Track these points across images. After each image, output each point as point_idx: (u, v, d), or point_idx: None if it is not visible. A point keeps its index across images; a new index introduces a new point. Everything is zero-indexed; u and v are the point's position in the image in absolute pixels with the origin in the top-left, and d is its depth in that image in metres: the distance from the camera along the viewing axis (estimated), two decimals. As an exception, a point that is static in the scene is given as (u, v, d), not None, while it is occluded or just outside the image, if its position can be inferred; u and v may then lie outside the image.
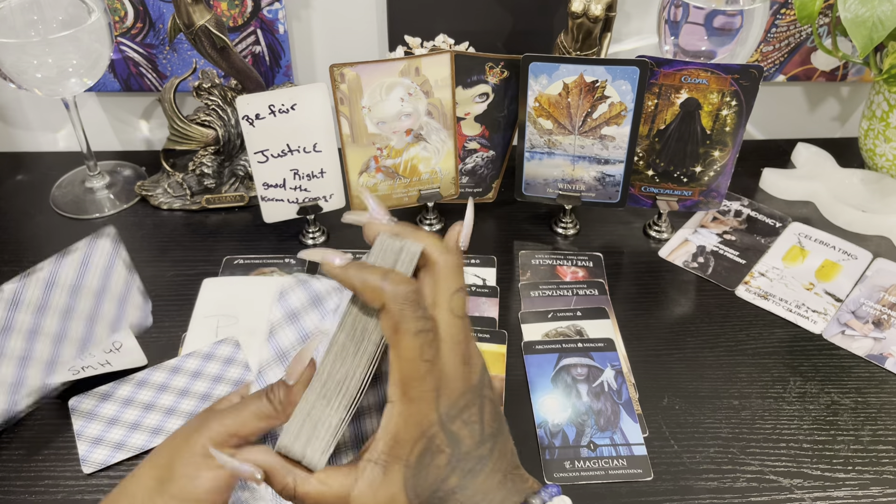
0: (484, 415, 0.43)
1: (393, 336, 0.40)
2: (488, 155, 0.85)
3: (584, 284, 0.80)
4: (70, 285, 0.64)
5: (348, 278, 0.41)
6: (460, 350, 0.42)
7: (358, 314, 0.42)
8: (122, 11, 0.87)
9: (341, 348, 0.42)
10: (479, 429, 0.42)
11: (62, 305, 0.64)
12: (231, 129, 0.87)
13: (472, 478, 0.42)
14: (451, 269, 0.42)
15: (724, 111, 0.77)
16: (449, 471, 0.41)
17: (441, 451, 0.41)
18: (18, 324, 0.61)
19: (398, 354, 0.40)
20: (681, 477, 0.63)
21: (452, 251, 0.43)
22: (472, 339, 0.43)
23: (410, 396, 0.41)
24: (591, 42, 0.78)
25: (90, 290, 0.65)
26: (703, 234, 0.87)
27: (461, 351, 0.42)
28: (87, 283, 0.65)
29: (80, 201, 0.90)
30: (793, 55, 0.95)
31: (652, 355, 0.73)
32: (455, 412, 0.41)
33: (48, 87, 0.78)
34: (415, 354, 0.40)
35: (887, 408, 0.69)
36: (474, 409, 0.42)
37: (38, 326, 0.62)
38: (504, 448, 0.44)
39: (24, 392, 0.62)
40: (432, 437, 0.41)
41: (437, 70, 0.76)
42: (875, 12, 0.76)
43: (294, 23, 0.91)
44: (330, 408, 0.42)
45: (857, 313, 0.78)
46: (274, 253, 0.83)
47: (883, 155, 0.91)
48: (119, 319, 0.69)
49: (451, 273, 0.42)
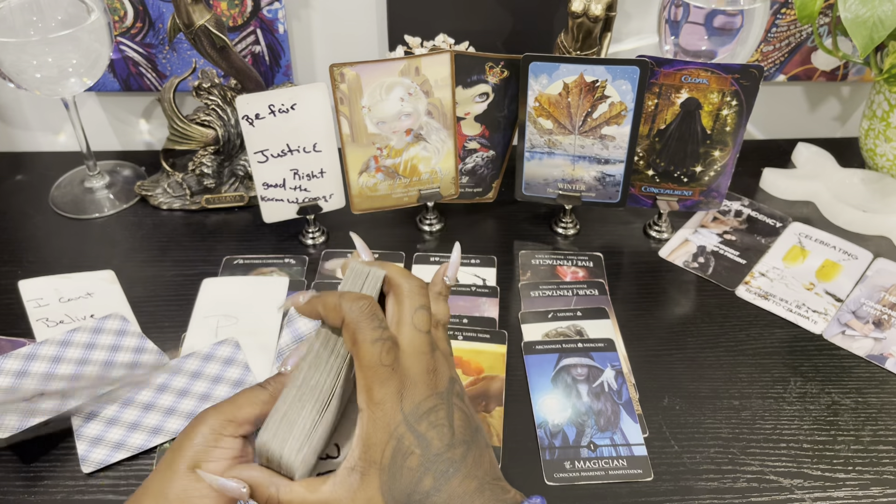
0: (453, 420, 0.45)
1: (353, 347, 0.44)
2: (488, 155, 0.85)
3: (584, 284, 0.80)
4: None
5: (312, 308, 0.46)
6: (424, 360, 0.45)
7: (328, 332, 0.46)
8: (121, 11, 0.87)
9: (316, 356, 0.46)
10: (448, 432, 0.44)
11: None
12: (231, 129, 0.87)
13: (446, 481, 0.43)
14: (413, 290, 0.47)
15: (724, 111, 0.77)
16: (422, 472, 0.43)
17: (411, 452, 0.43)
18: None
19: (360, 363, 0.44)
20: (681, 477, 0.63)
21: (412, 277, 0.47)
22: (440, 355, 0.46)
23: (375, 400, 0.43)
24: (592, 42, 0.78)
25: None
26: (704, 234, 0.87)
27: (425, 361, 0.45)
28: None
29: (80, 201, 0.90)
30: (793, 55, 0.95)
31: (652, 355, 0.73)
32: (421, 413, 0.44)
33: (48, 87, 0.78)
34: (374, 360, 0.43)
35: (888, 408, 0.69)
36: (441, 412, 0.44)
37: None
38: (480, 457, 0.45)
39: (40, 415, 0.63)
40: (400, 437, 0.43)
41: (437, 70, 0.76)
42: (875, 12, 0.76)
43: (294, 22, 0.91)
44: (304, 410, 0.44)
45: (857, 313, 0.78)
46: (274, 253, 0.83)
47: (883, 155, 0.91)
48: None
49: (414, 293, 0.46)
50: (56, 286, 0.77)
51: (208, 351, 0.71)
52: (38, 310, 0.74)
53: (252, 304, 0.76)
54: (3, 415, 0.62)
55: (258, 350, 0.72)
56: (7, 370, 0.66)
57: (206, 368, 0.69)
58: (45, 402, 0.64)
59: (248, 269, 0.81)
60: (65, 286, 0.77)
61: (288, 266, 0.81)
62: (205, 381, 0.68)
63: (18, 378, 0.66)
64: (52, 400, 0.64)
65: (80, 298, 0.76)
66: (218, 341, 0.72)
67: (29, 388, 0.64)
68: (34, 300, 0.75)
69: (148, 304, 0.77)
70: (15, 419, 0.62)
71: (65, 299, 0.76)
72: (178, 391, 0.67)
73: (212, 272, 0.81)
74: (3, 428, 0.61)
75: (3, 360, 0.67)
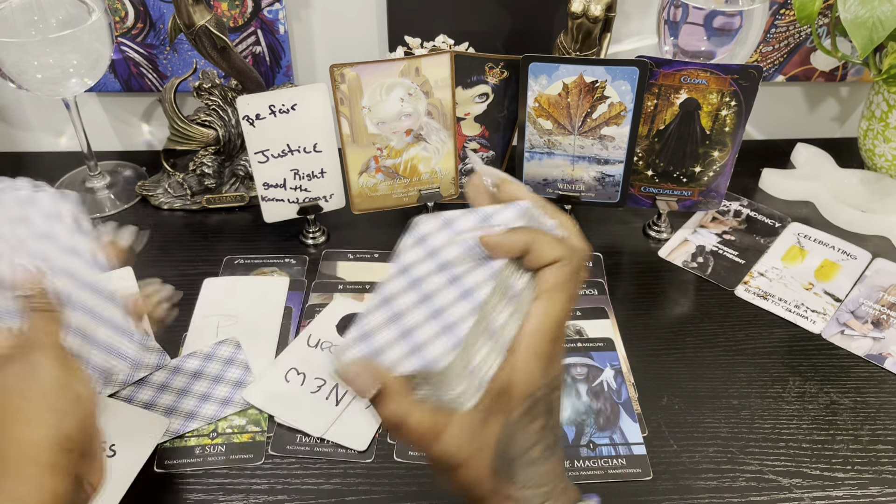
0: (560, 402, 0.43)
1: (552, 290, 0.41)
2: (488, 155, 0.85)
3: (583, 284, 0.80)
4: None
5: (518, 241, 0.41)
6: (564, 333, 0.43)
7: (511, 268, 0.42)
8: (122, 12, 0.87)
9: (503, 281, 0.42)
10: (559, 408, 0.43)
11: None
12: (231, 130, 0.87)
13: (548, 458, 0.42)
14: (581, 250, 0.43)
15: (723, 111, 0.77)
16: (536, 440, 0.42)
17: (538, 418, 0.41)
18: None
19: (548, 310, 0.41)
20: (680, 476, 0.63)
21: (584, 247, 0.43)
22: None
23: (537, 353, 0.41)
24: (591, 42, 0.78)
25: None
26: (703, 234, 0.87)
27: (564, 334, 0.43)
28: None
29: (81, 201, 0.90)
30: (792, 55, 0.95)
31: (651, 355, 0.74)
32: (555, 383, 0.42)
33: (49, 88, 0.78)
34: (563, 316, 0.41)
35: (886, 407, 0.69)
36: (558, 392, 0.43)
37: None
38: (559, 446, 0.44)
39: None
40: (537, 400, 0.41)
41: (437, 70, 0.76)
42: (875, 13, 0.76)
43: (294, 23, 0.91)
44: (482, 344, 0.41)
45: (856, 313, 0.78)
46: (274, 253, 0.83)
47: (882, 155, 0.91)
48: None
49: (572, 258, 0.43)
50: None
51: (209, 351, 0.71)
52: None
53: (252, 304, 0.77)
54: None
55: (259, 349, 0.72)
56: None
57: (206, 368, 0.70)
58: None
59: (248, 268, 0.81)
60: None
61: (288, 266, 0.82)
62: (205, 381, 0.69)
63: None
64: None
65: None
66: (219, 341, 0.72)
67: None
68: None
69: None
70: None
71: None
72: (178, 391, 0.68)
73: (212, 272, 0.81)
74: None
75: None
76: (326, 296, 0.78)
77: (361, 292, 0.78)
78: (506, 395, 0.41)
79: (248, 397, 0.67)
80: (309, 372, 0.69)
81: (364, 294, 0.78)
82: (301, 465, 0.63)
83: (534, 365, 0.41)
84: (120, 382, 0.67)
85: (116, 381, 0.67)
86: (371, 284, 0.79)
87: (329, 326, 0.74)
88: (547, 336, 0.41)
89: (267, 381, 0.69)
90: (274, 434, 0.65)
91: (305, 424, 0.65)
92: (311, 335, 0.73)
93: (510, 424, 0.41)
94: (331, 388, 0.68)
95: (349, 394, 0.67)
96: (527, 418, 0.41)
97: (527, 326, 0.41)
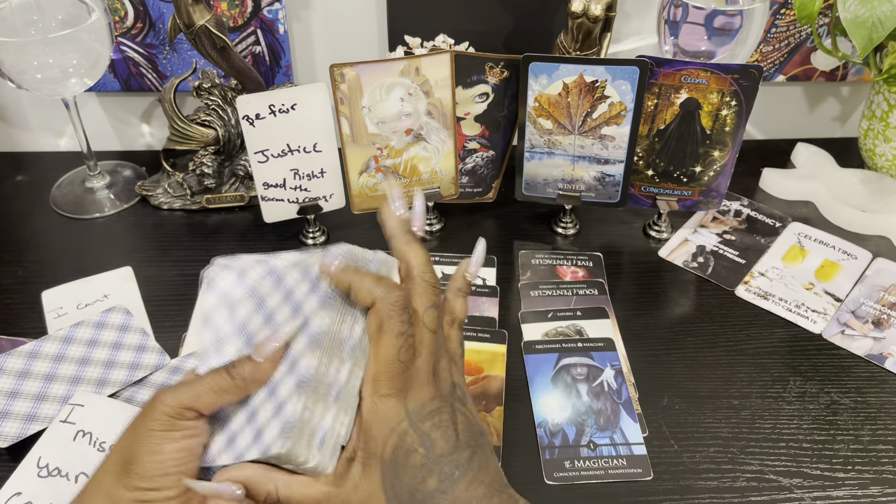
0: (457, 424, 0.44)
1: (376, 334, 0.43)
2: (488, 155, 0.85)
3: (583, 284, 0.80)
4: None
5: (343, 280, 0.45)
6: (431, 361, 0.44)
7: (342, 311, 0.45)
8: (122, 11, 0.87)
9: (332, 341, 0.44)
10: (452, 434, 0.43)
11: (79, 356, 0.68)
12: (231, 129, 0.87)
13: (452, 483, 0.42)
14: (426, 287, 0.46)
15: (723, 111, 0.77)
16: (426, 472, 0.42)
17: (414, 451, 0.42)
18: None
19: (377, 353, 0.43)
20: (680, 476, 0.63)
21: (427, 269, 0.46)
22: (447, 357, 0.46)
23: (381, 393, 0.43)
24: (591, 42, 0.78)
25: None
26: (703, 233, 0.87)
27: (432, 362, 0.44)
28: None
29: (81, 201, 0.90)
30: (792, 55, 0.95)
31: (652, 355, 0.73)
32: (425, 413, 0.43)
33: (48, 88, 0.78)
34: (393, 354, 0.43)
35: (887, 407, 0.69)
36: (445, 415, 0.44)
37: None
38: (486, 462, 0.44)
39: (38, 422, 0.63)
40: (403, 433, 0.43)
41: (437, 70, 0.76)
42: (875, 12, 0.76)
43: (294, 23, 0.91)
44: (320, 403, 0.43)
45: (856, 313, 0.78)
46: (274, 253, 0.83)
47: (883, 155, 0.91)
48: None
49: (426, 291, 0.46)
50: (75, 292, 0.77)
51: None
52: (57, 320, 0.74)
53: (252, 304, 0.76)
54: (2, 422, 0.62)
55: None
56: (9, 370, 0.66)
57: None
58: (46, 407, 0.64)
59: (248, 268, 0.81)
60: (83, 291, 0.77)
61: (288, 266, 0.81)
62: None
63: (20, 379, 0.66)
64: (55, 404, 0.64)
65: (96, 302, 0.76)
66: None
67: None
68: (54, 310, 0.75)
69: (149, 303, 0.77)
70: (15, 426, 0.62)
71: (82, 305, 0.76)
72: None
73: (212, 272, 0.81)
74: (3, 437, 0.61)
75: (5, 359, 0.67)
76: (326, 296, 0.78)
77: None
78: (370, 441, 0.43)
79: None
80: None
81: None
82: (301, 466, 0.63)
83: (382, 406, 0.43)
84: (120, 383, 0.67)
85: (116, 381, 0.67)
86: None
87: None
88: (384, 376, 0.43)
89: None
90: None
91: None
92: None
93: (386, 465, 0.42)
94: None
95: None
96: (401, 454, 0.42)
97: (366, 373, 0.44)
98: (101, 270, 0.80)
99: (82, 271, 0.80)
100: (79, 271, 0.80)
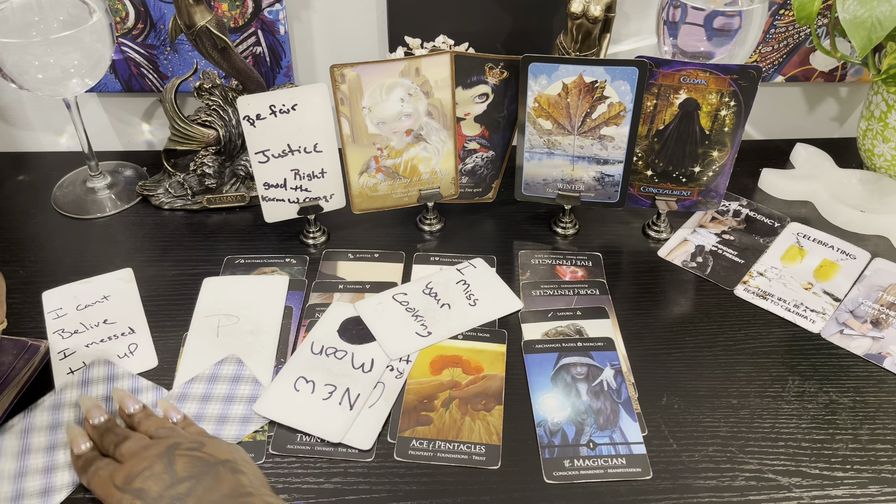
0: (175, 466, 0.55)
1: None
2: (488, 155, 0.85)
3: (583, 284, 0.80)
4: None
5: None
6: (126, 467, 0.56)
7: None
8: (123, 12, 0.87)
9: None
10: (168, 477, 0.54)
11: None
12: (232, 130, 0.87)
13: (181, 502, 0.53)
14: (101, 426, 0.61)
15: (722, 111, 0.77)
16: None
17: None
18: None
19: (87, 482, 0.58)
20: (680, 476, 0.63)
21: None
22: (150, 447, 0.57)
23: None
24: (591, 43, 0.78)
25: None
26: (702, 233, 0.88)
27: (128, 467, 0.56)
28: None
29: (82, 201, 0.90)
30: (791, 56, 0.96)
31: (651, 354, 0.74)
32: (132, 477, 0.54)
33: (50, 88, 0.78)
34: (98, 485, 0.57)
35: (885, 407, 0.69)
36: (157, 467, 0.55)
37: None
38: (215, 484, 0.54)
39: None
40: (119, 501, 0.54)
41: (437, 70, 0.76)
42: (874, 13, 0.76)
43: (295, 24, 0.92)
44: None
45: (855, 313, 0.78)
46: (275, 253, 0.84)
47: (881, 155, 0.91)
48: None
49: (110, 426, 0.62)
50: (75, 293, 0.77)
51: (211, 372, 0.70)
52: (57, 321, 0.74)
53: (253, 304, 0.77)
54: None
55: (259, 349, 0.72)
56: (39, 426, 0.65)
57: (214, 390, 0.68)
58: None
59: (249, 268, 0.82)
60: (83, 292, 0.78)
61: (289, 265, 0.82)
62: (217, 403, 0.67)
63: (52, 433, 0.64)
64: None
65: (95, 304, 0.76)
66: (218, 361, 0.71)
67: None
68: (54, 311, 0.76)
69: (149, 303, 0.77)
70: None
71: (81, 306, 0.76)
72: (191, 417, 0.66)
73: (213, 272, 0.81)
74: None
75: (30, 417, 0.65)
76: (327, 295, 0.78)
77: (361, 292, 0.79)
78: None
79: (261, 410, 0.66)
80: (318, 379, 0.69)
81: (364, 293, 0.78)
82: (301, 465, 0.63)
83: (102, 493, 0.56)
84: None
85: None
86: (371, 284, 0.79)
87: (331, 332, 0.74)
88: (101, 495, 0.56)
89: (277, 392, 0.68)
90: (275, 433, 0.65)
91: (322, 431, 0.65)
92: (315, 342, 0.72)
93: None
94: (343, 393, 0.68)
95: (362, 397, 0.67)
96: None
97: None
98: (102, 270, 0.80)
99: (83, 271, 0.80)
100: (80, 271, 0.80)
